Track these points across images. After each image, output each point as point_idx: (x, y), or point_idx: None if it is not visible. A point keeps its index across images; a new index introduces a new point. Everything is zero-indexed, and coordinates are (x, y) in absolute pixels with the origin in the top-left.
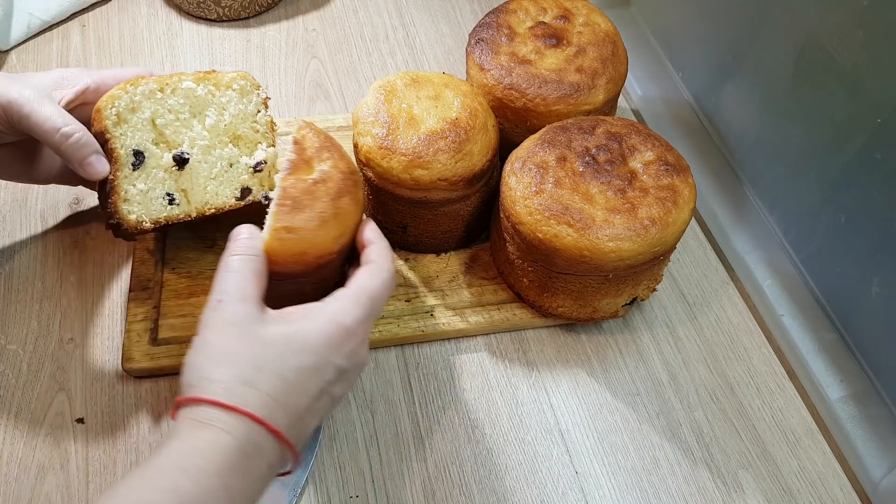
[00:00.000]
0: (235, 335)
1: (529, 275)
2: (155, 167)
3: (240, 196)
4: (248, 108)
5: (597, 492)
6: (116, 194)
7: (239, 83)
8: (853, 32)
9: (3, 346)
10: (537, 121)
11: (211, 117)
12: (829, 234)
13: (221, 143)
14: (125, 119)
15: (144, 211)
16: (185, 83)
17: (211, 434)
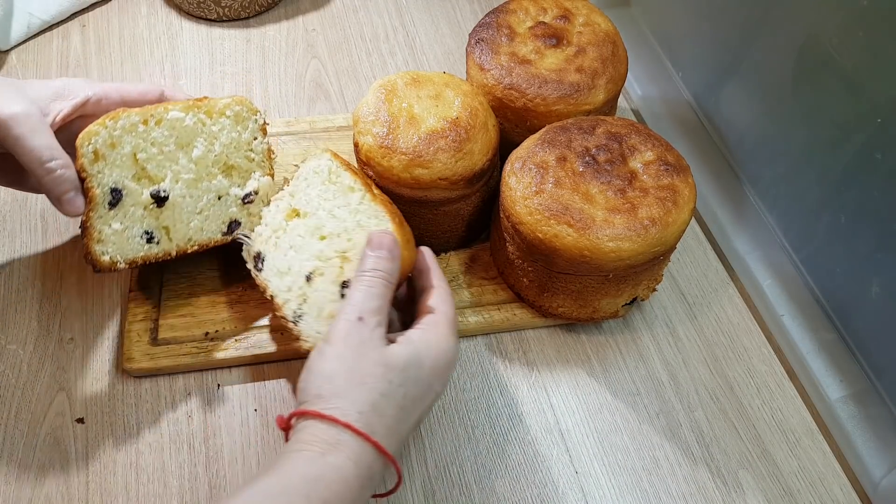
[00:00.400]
0: (372, 359)
1: (529, 275)
2: (133, 205)
3: (227, 230)
4: (242, 136)
5: (597, 492)
6: (89, 235)
7: (233, 109)
8: (853, 32)
9: (3, 346)
10: (537, 121)
11: (199, 148)
12: (829, 234)
13: (210, 175)
14: (103, 156)
15: (119, 251)
16: (171, 113)
17: (339, 461)
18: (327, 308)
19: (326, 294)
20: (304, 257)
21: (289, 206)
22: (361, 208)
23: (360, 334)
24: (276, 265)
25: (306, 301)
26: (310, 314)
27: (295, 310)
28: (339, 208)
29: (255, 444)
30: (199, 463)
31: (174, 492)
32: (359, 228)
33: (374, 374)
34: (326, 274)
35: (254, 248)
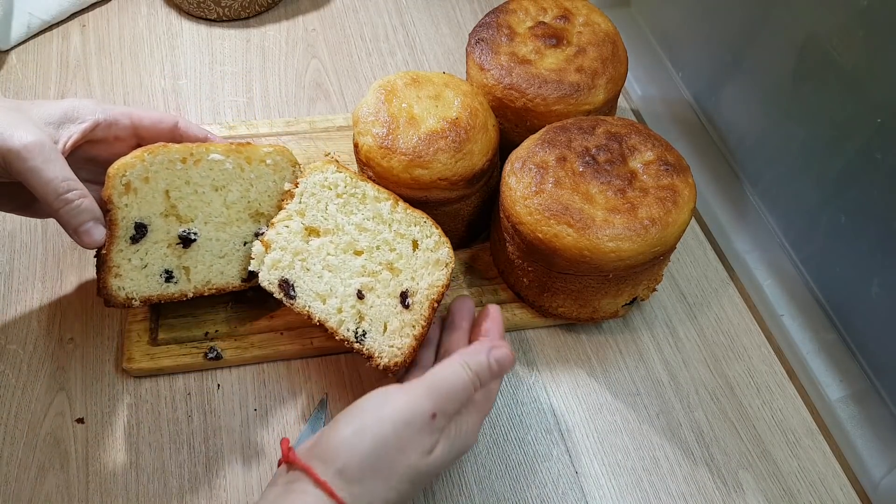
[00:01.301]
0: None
1: (529, 275)
2: (157, 242)
3: (247, 277)
4: (278, 186)
5: (597, 492)
6: (107, 268)
7: (274, 158)
8: (853, 32)
9: (3, 346)
10: (537, 121)
11: (234, 192)
12: (829, 234)
13: (240, 220)
14: (134, 189)
15: (136, 288)
16: (212, 155)
17: None
18: (393, 321)
19: (386, 308)
20: (345, 276)
21: (301, 226)
22: (396, 217)
23: (420, 432)
24: (313, 290)
25: (364, 318)
26: (373, 330)
27: (354, 329)
28: (368, 221)
29: (255, 444)
30: (199, 463)
31: (174, 492)
32: (400, 238)
33: (403, 476)
34: (377, 288)
35: (273, 276)
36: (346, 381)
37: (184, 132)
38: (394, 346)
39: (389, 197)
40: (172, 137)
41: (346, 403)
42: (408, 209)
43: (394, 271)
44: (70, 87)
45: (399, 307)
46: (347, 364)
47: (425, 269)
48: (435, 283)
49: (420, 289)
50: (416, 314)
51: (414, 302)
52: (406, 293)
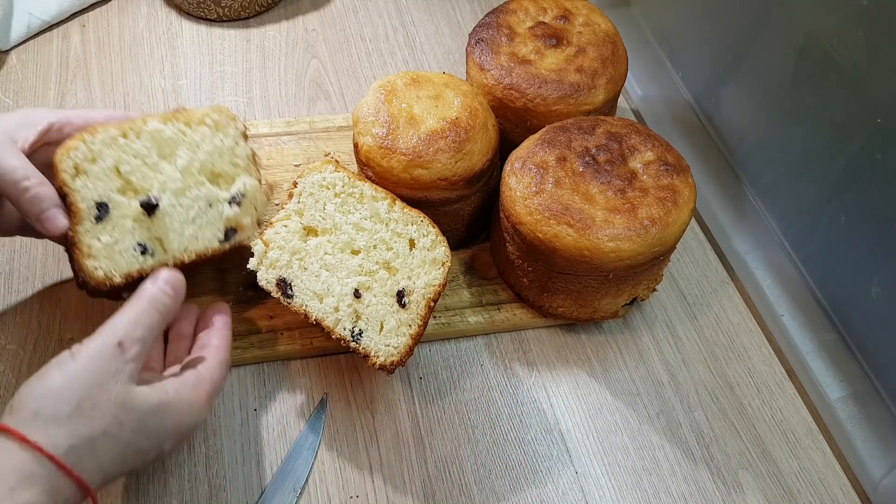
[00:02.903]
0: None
1: (529, 275)
2: (122, 217)
3: (224, 238)
4: (224, 143)
5: (597, 492)
6: (78, 250)
7: (212, 118)
8: (853, 32)
9: (3, 346)
10: (537, 121)
11: (183, 157)
12: (829, 234)
13: (197, 183)
14: (84, 171)
15: (112, 265)
16: (150, 125)
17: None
18: (390, 320)
19: (382, 307)
20: (342, 275)
21: (300, 225)
22: (393, 217)
23: (110, 362)
24: (310, 289)
25: (361, 317)
26: (370, 329)
27: (351, 328)
28: (365, 220)
29: (255, 444)
30: (199, 463)
31: (174, 492)
32: (397, 238)
33: (105, 409)
34: (374, 287)
35: (271, 275)
36: (345, 381)
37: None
38: (390, 346)
39: (387, 196)
40: None
41: (346, 403)
42: (405, 208)
43: (391, 270)
44: (70, 87)
45: (395, 306)
46: (347, 364)
47: (422, 269)
48: (431, 282)
49: (417, 288)
50: (412, 313)
51: (410, 301)
52: (402, 292)
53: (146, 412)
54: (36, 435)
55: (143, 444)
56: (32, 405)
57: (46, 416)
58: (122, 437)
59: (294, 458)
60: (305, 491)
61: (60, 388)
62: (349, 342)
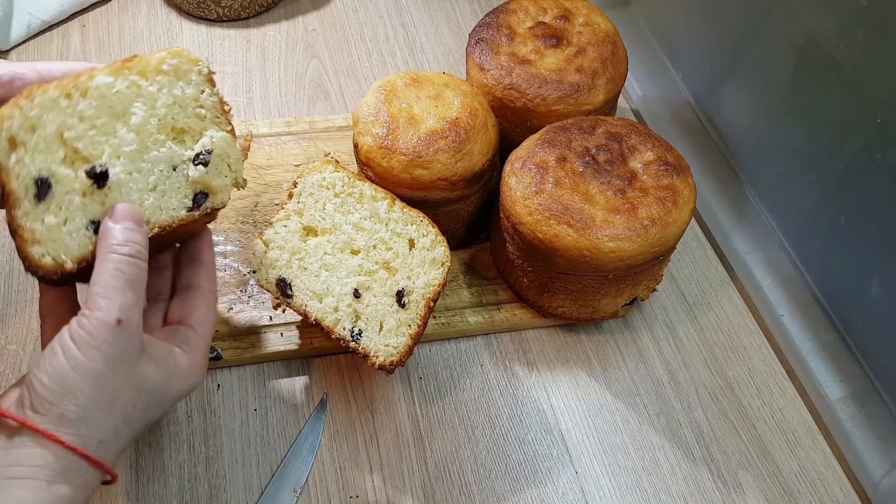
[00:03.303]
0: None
1: (529, 275)
2: (68, 192)
3: (193, 205)
4: (186, 92)
5: (597, 492)
6: (20, 237)
7: (170, 62)
8: (853, 32)
9: (3, 346)
10: (537, 121)
11: (138, 114)
12: (829, 234)
13: (156, 143)
14: (22, 143)
15: (62, 249)
16: (97, 80)
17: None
18: (389, 320)
19: (382, 307)
20: (342, 275)
21: (299, 225)
22: (393, 216)
23: (118, 344)
24: (310, 288)
25: (360, 317)
26: (369, 329)
27: (350, 328)
28: (365, 220)
29: (255, 444)
30: (199, 463)
31: (174, 492)
32: (397, 237)
33: (124, 396)
34: (374, 287)
35: (271, 275)
36: (346, 381)
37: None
38: (389, 345)
39: (386, 196)
40: None
41: (346, 403)
42: (404, 208)
43: (390, 270)
44: None
45: (395, 306)
46: (347, 364)
47: (421, 268)
48: (431, 282)
49: (416, 288)
50: (412, 313)
51: (410, 301)
52: (402, 292)
53: (153, 389)
54: (68, 435)
55: (152, 416)
56: (57, 408)
57: (72, 420)
58: (136, 418)
59: (294, 458)
60: (305, 491)
61: (78, 389)
62: (349, 342)
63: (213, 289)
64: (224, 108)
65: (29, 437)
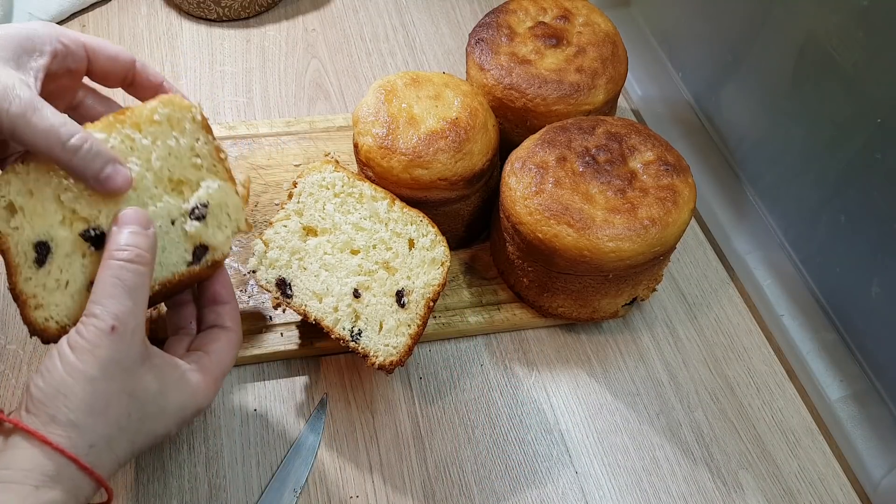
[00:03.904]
0: (120, 383)
1: (529, 275)
2: (69, 254)
3: (193, 259)
4: (181, 142)
5: (597, 492)
6: (22, 303)
7: (161, 112)
8: (853, 32)
9: (3, 346)
10: (537, 121)
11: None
12: (829, 234)
13: (153, 197)
14: (21, 207)
15: (66, 312)
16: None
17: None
18: (389, 320)
19: (381, 306)
20: (341, 275)
21: (299, 225)
22: (392, 216)
23: (113, 350)
24: (310, 288)
25: (360, 317)
26: (369, 329)
27: (350, 328)
28: (364, 220)
29: (255, 444)
30: (199, 463)
31: (174, 492)
32: (396, 237)
33: (118, 403)
34: (374, 287)
35: (271, 275)
36: (346, 381)
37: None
38: (389, 345)
39: (386, 196)
40: (125, 77)
41: (346, 403)
42: (404, 208)
43: (390, 270)
44: None
45: (395, 306)
46: (347, 364)
47: (421, 268)
48: (431, 281)
49: (416, 287)
50: (411, 313)
51: (410, 301)
52: (402, 292)
53: (149, 399)
54: (58, 437)
55: (151, 430)
56: (48, 409)
57: (63, 422)
58: (131, 428)
59: (294, 458)
60: (305, 491)
61: (71, 390)
62: (348, 342)
63: (236, 328)
64: (220, 156)
65: (21, 438)
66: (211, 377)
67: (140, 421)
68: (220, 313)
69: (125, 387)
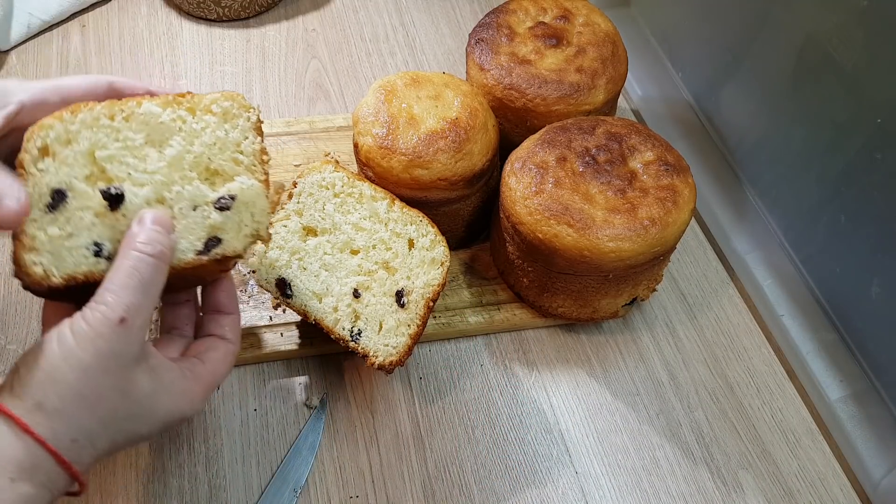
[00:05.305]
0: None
1: (529, 275)
2: (81, 209)
3: (203, 248)
4: (230, 136)
5: (597, 492)
6: (19, 241)
7: (222, 105)
8: (853, 32)
9: (3, 346)
10: (537, 121)
11: (174, 147)
12: (829, 234)
13: (185, 179)
14: (53, 153)
15: (56, 262)
16: (144, 107)
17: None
18: (389, 320)
19: (381, 306)
20: (341, 275)
21: (299, 225)
22: (392, 216)
23: (116, 342)
24: (309, 288)
25: (360, 317)
26: (369, 329)
27: (350, 328)
28: (364, 220)
29: (255, 444)
30: (199, 463)
31: (174, 492)
32: (396, 237)
33: (109, 399)
34: (374, 287)
35: (271, 275)
36: (346, 381)
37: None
38: (389, 345)
39: (386, 196)
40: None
41: (346, 403)
42: (404, 208)
43: (390, 270)
44: None
45: (395, 306)
46: (347, 364)
47: (421, 268)
48: (430, 281)
49: (416, 287)
50: (411, 313)
51: (409, 301)
52: (401, 292)
53: (140, 399)
54: (40, 426)
55: (134, 430)
56: (36, 394)
57: (50, 410)
58: (116, 426)
59: (294, 458)
60: (305, 491)
61: (63, 379)
62: (348, 342)
63: (236, 340)
64: (263, 158)
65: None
66: (203, 386)
67: (126, 420)
68: (222, 323)
69: (119, 383)
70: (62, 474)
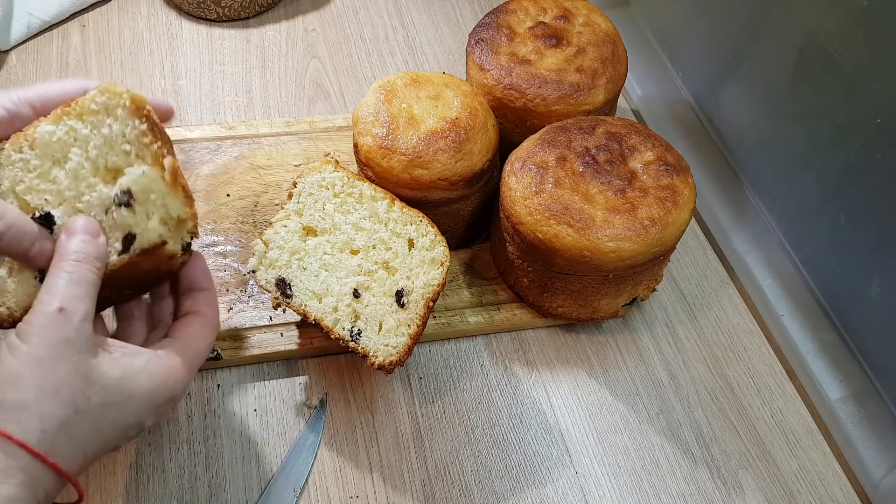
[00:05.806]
0: (71, 364)
1: (529, 275)
2: None
3: (123, 248)
4: (114, 129)
5: (597, 492)
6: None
7: (97, 101)
8: (853, 32)
9: None
10: (537, 121)
11: (73, 159)
12: (829, 234)
13: (89, 186)
14: None
15: (15, 299)
16: (40, 129)
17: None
18: (389, 320)
19: (381, 307)
20: (341, 275)
21: (299, 225)
22: (392, 216)
23: (60, 330)
24: (309, 288)
25: (360, 317)
26: (369, 329)
27: (350, 328)
28: (364, 220)
29: (255, 444)
30: (199, 463)
31: (174, 492)
32: (396, 237)
33: (71, 385)
34: (373, 287)
35: (271, 275)
36: (345, 381)
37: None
38: (389, 345)
39: (386, 196)
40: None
41: (346, 403)
42: (404, 208)
43: (390, 270)
44: None
45: (394, 306)
46: (347, 364)
47: (421, 268)
48: (430, 281)
49: (416, 288)
50: (411, 313)
51: (409, 301)
52: (401, 292)
53: (111, 385)
54: (4, 423)
55: (118, 418)
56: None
57: (11, 404)
58: (92, 413)
59: (294, 458)
60: (305, 491)
61: (18, 373)
62: (348, 342)
63: (211, 313)
64: (144, 140)
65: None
66: (182, 362)
67: (103, 406)
68: (197, 299)
69: (77, 369)
70: (43, 470)
